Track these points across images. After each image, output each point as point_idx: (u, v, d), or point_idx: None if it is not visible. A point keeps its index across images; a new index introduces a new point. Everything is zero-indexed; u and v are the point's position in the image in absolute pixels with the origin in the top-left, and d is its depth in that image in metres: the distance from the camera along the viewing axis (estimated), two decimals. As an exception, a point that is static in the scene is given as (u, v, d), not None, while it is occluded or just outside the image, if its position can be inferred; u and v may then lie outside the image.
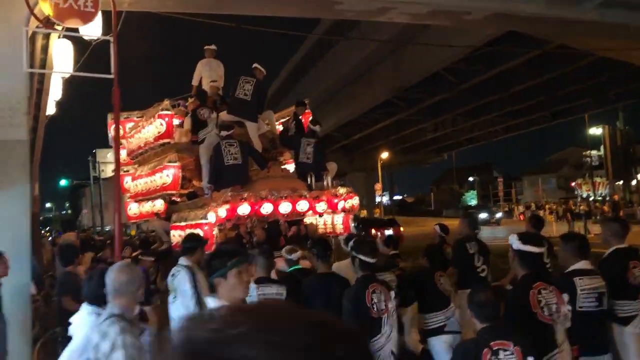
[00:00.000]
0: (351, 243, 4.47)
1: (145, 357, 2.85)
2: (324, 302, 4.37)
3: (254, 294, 4.33)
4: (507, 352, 2.94)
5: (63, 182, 49.30)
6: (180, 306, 4.68)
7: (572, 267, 4.01)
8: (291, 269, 5.61)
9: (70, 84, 9.28)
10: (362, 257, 4.20)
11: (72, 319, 3.52)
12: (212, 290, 2.97)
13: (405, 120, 35.59)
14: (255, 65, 8.98)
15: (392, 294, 4.29)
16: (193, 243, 4.98)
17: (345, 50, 30.50)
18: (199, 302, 4.63)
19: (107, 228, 35.33)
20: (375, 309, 4.01)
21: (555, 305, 3.45)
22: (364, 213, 43.94)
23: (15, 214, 5.70)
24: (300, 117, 9.47)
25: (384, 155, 42.63)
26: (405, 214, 63.63)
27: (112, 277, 2.95)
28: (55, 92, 9.06)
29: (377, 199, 47.94)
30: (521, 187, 65.34)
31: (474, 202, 65.82)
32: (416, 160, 53.72)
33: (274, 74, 45.12)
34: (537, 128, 43.15)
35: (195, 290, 4.64)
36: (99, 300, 3.41)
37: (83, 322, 3.37)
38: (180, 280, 4.67)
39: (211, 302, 2.79)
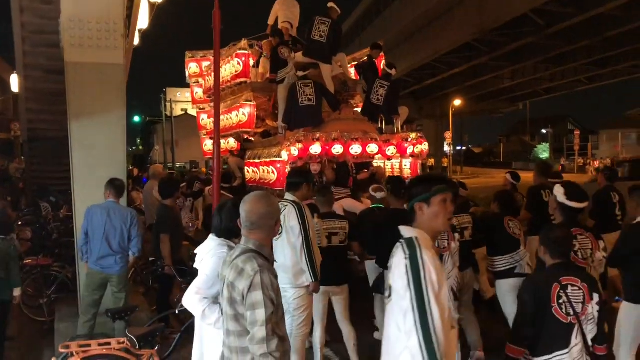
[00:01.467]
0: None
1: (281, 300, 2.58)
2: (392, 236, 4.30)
3: (319, 227, 4.82)
4: (575, 288, 3.08)
5: (136, 119, 50.71)
6: (285, 243, 4.43)
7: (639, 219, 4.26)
8: (373, 205, 6.29)
9: (156, 14, 9.37)
10: None
11: (197, 250, 3.31)
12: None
13: (482, 65, 33.88)
14: (330, 4, 8.88)
15: (456, 235, 4.58)
16: (299, 178, 4.67)
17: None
18: (306, 239, 4.37)
19: (178, 165, 36.14)
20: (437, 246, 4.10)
21: (590, 250, 3.77)
22: (431, 162, 43.04)
23: (112, 139, 5.55)
24: (374, 59, 9.33)
25: (457, 102, 41.03)
26: (472, 164, 62.13)
27: (248, 208, 2.62)
28: (142, 20, 8.88)
29: (445, 148, 46.54)
30: (598, 141, 61.90)
31: (545, 155, 63.18)
32: (489, 109, 51.61)
33: (345, 14, 43.92)
34: (622, 79, 40.26)
35: (303, 227, 4.37)
36: (229, 234, 3.18)
37: (211, 254, 3.14)
38: (287, 216, 4.38)
39: (406, 232, 2.45)
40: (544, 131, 68.92)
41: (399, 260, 2.35)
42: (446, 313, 2.31)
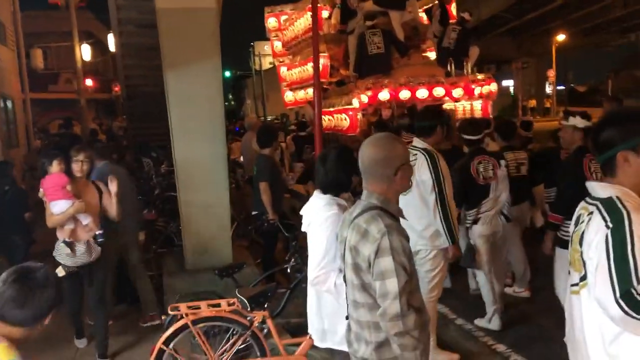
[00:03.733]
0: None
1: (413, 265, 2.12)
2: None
3: None
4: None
5: (227, 74, 51.49)
6: (417, 200, 3.79)
7: None
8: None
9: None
10: (465, 136, 4.89)
11: (303, 211, 2.91)
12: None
13: (590, -7, 30.77)
14: None
15: (502, 162, 4.81)
16: (431, 120, 3.99)
17: None
18: (441, 196, 3.77)
19: (269, 117, 36.43)
20: (481, 177, 4.65)
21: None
22: (532, 103, 40.55)
23: (209, 89, 5.27)
24: (446, 4, 9.37)
25: (560, 37, 37.82)
26: (578, 104, 57.78)
27: (363, 153, 2.16)
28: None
29: (548, 88, 43.51)
30: None
31: (662, 91, 57.47)
32: (596, 43, 47.32)
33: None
34: None
35: (436, 181, 3.76)
36: (336, 188, 2.76)
37: (321, 217, 2.71)
38: (418, 168, 3.74)
39: (601, 190, 1.83)
40: (659, 64, 62.50)
41: (595, 229, 1.74)
42: None
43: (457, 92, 8.04)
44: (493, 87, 8.48)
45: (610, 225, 1.69)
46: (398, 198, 2.24)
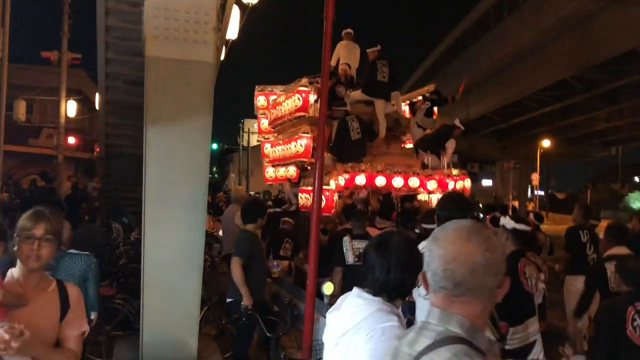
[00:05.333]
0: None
1: None
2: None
3: (349, 246, 5.37)
4: None
5: (214, 146, 51.43)
6: None
7: None
8: None
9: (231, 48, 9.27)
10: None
11: (331, 317, 2.10)
12: None
13: (575, 105, 31.46)
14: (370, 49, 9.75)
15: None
16: (462, 211, 3.20)
17: (515, 25, 27.67)
18: None
19: (252, 193, 35.99)
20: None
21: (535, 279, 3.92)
22: (515, 203, 40.60)
23: (195, 151, 4.60)
24: (433, 107, 10.04)
25: (546, 143, 38.54)
26: (556, 211, 58.35)
27: (449, 252, 1.38)
28: (231, 30, 8.18)
29: (531, 192, 43.85)
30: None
31: (638, 205, 58.55)
32: (578, 152, 48.41)
33: (431, 47, 43.17)
34: None
35: None
36: (397, 292, 1.97)
37: (369, 322, 1.91)
38: None
39: None
40: (636, 179, 64.23)
41: None
42: None
43: (432, 184, 8.31)
44: (467, 183, 8.71)
45: None
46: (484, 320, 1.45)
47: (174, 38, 4.47)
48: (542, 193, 57.27)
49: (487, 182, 56.93)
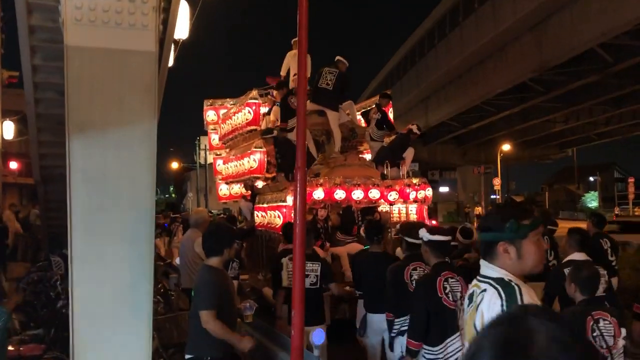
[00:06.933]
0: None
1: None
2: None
3: (287, 266, 5.06)
4: (606, 322, 3.24)
5: (174, 165, 49.97)
6: None
7: None
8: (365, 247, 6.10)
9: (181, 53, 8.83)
10: (408, 239, 4.60)
11: None
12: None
13: (534, 108, 31.58)
14: (338, 57, 9.42)
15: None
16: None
17: (473, 28, 27.46)
18: None
19: (213, 211, 34.87)
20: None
21: (459, 293, 3.75)
22: (478, 210, 40.54)
23: (135, 167, 3.52)
24: (383, 108, 9.70)
25: (505, 147, 38.61)
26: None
27: None
28: (180, 28, 7.17)
29: (493, 196, 43.93)
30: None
31: (595, 204, 59.90)
32: (537, 155, 48.99)
33: (386, 57, 42.97)
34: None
35: None
36: None
37: None
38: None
39: (491, 271, 1.99)
40: (591, 179, 65.72)
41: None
42: None
43: (393, 195, 8.12)
44: (428, 192, 8.57)
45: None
46: None
47: (103, 21, 3.42)
48: (497, 197, 57.95)
49: (444, 189, 56.94)
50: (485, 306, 1.93)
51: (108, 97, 3.48)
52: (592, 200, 62.95)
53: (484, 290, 1.98)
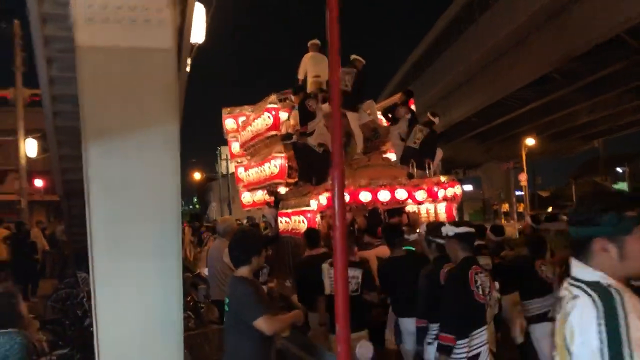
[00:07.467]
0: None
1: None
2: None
3: (328, 273, 4.79)
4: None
5: (197, 175, 50.19)
6: None
7: None
8: (405, 248, 5.77)
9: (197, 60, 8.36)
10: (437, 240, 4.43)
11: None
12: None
13: (557, 100, 30.81)
14: (354, 56, 9.24)
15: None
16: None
17: (490, 23, 27.02)
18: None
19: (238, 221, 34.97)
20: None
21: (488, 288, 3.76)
22: (505, 207, 39.83)
23: (158, 172, 3.26)
24: (408, 101, 9.61)
25: (530, 142, 37.80)
26: (543, 209, 57.75)
27: None
28: (197, 32, 6.94)
29: (518, 192, 43.12)
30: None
31: (625, 196, 58.43)
32: (561, 149, 47.98)
33: (404, 54, 42.61)
34: None
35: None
36: None
37: None
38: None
39: (584, 273, 1.67)
40: (619, 170, 64.19)
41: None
42: None
43: (420, 194, 7.93)
44: (457, 189, 8.39)
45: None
46: None
47: (116, 19, 3.17)
48: (521, 193, 57.10)
49: (467, 187, 56.15)
50: (576, 319, 1.64)
51: (125, 100, 3.23)
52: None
53: (576, 297, 1.68)
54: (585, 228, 1.73)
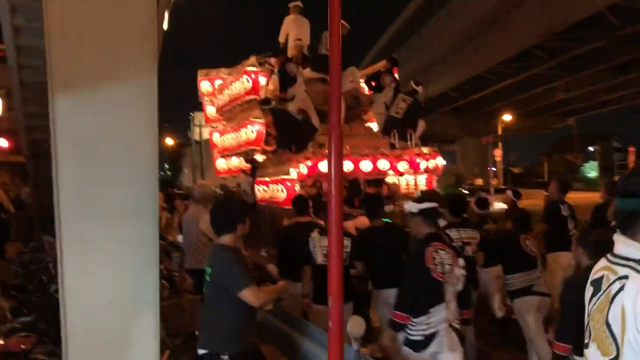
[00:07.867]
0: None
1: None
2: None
3: (317, 243, 4.62)
4: None
5: (169, 140, 49.13)
6: None
7: None
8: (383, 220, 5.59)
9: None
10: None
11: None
12: None
13: (538, 76, 30.87)
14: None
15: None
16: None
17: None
18: None
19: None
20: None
21: (450, 265, 3.60)
22: (479, 182, 40.14)
23: (133, 130, 2.93)
24: (392, 69, 9.47)
25: (507, 118, 37.89)
26: (515, 185, 58.49)
27: None
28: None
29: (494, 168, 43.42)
30: (649, 158, 58.02)
31: (594, 174, 59.70)
32: (537, 125, 48.41)
33: (386, 23, 42.09)
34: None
35: None
36: None
37: None
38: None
39: (632, 250, 1.51)
40: (590, 149, 65.36)
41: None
42: None
43: (402, 165, 7.82)
44: (439, 161, 8.30)
45: None
46: None
47: (87, -45, 2.82)
48: (494, 169, 57.57)
49: (440, 162, 56.42)
50: (631, 298, 1.44)
51: (98, 46, 2.87)
52: (591, 170, 62.72)
53: (624, 276, 1.48)
54: (635, 200, 1.54)
